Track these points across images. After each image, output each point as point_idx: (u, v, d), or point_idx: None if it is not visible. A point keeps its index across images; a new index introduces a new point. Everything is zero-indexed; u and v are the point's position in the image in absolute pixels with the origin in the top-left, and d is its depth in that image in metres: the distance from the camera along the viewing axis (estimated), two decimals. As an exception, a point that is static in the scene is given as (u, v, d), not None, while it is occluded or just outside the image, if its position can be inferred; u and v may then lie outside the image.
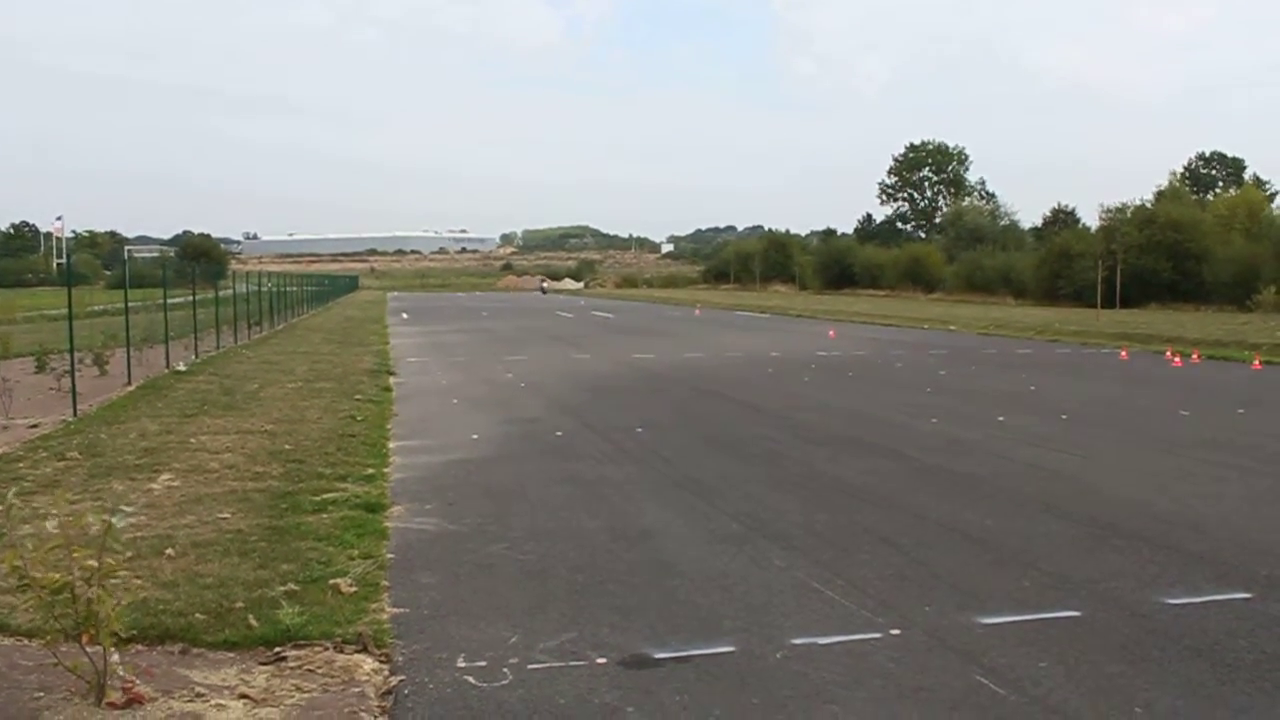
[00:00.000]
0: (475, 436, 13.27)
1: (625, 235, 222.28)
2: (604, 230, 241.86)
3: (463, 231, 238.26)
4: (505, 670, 5.50)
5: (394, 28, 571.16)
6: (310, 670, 5.42)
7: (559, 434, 13.55)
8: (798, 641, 5.92)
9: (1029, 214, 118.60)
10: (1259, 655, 5.75)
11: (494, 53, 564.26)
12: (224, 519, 8.45)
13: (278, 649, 5.68)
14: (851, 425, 14.35)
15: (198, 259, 71.87)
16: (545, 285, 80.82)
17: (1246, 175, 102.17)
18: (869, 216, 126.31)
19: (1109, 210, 70.13)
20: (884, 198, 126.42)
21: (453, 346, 30.41)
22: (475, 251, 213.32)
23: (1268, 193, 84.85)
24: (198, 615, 6.07)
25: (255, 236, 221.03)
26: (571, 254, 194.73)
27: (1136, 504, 9.49)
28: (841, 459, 11.76)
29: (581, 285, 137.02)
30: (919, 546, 7.98)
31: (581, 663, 5.62)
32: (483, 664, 5.58)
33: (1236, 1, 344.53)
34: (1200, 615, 6.43)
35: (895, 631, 6.09)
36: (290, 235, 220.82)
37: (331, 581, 6.80)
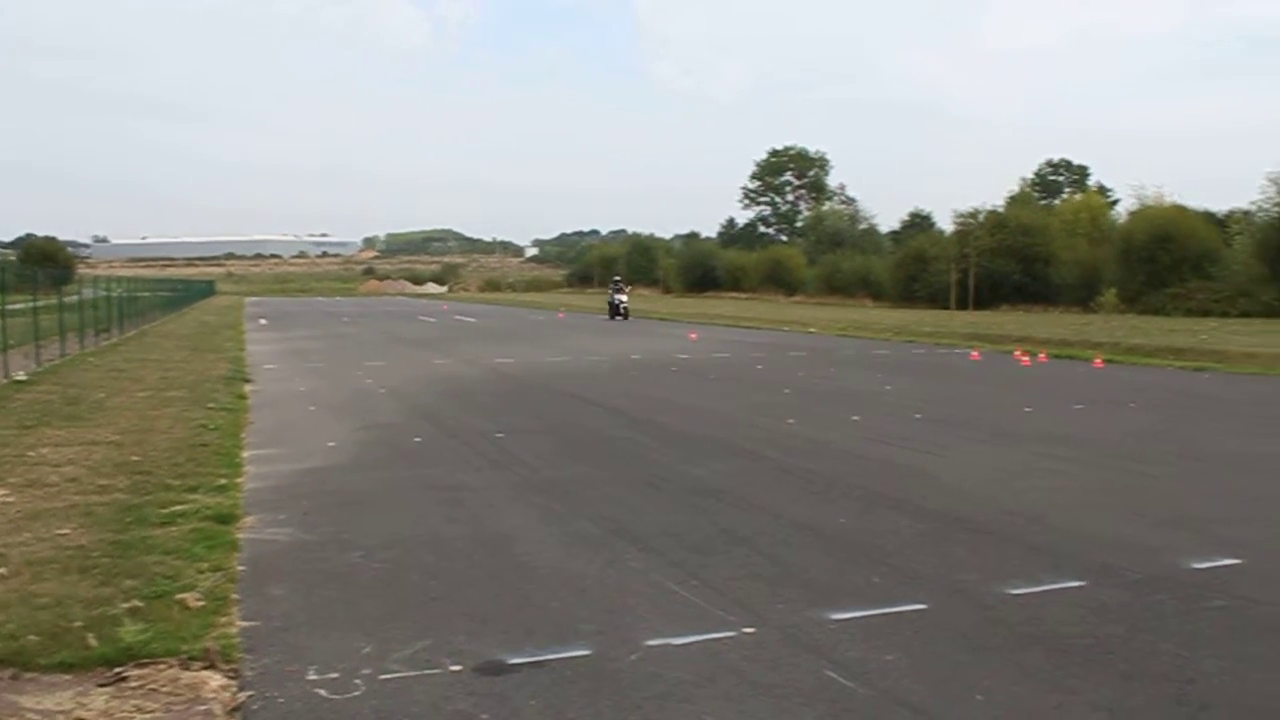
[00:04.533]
0: (332, 444, 13.05)
1: (489, 239, 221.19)
2: (467, 234, 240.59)
3: (324, 235, 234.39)
4: (357, 681, 5.42)
5: (253, 22, 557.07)
6: (153, 689, 5.26)
7: (418, 440, 13.40)
8: (653, 643, 5.97)
9: (887, 218, 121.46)
10: (1090, 640, 6.00)
11: (358, 52, 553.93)
12: (63, 535, 8.13)
13: (118, 669, 5.49)
14: (711, 427, 14.51)
15: (41, 263, 68.97)
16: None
17: (1090, 182, 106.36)
18: (732, 220, 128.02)
19: (962, 215, 72.27)
20: (746, 202, 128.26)
21: (312, 352, 29.84)
22: (337, 255, 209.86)
23: (1109, 199, 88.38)
24: (31, 637, 5.82)
25: (105, 240, 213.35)
26: (435, 258, 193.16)
27: (982, 499, 9.80)
28: (700, 460, 11.88)
29: (445, 289, 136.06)
30: (773, 545, 8.12)
31: (435, 671, 5.58)
32: (335, 676, 5.49)
33: (1082, 20, 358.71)
34: (1039, 604, 6.68)
35: (749, 630, 6.18)
36: (143, 239, 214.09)
37: (178, 596, 6.61)
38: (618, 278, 56.21)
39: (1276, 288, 48.54)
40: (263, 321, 50.45)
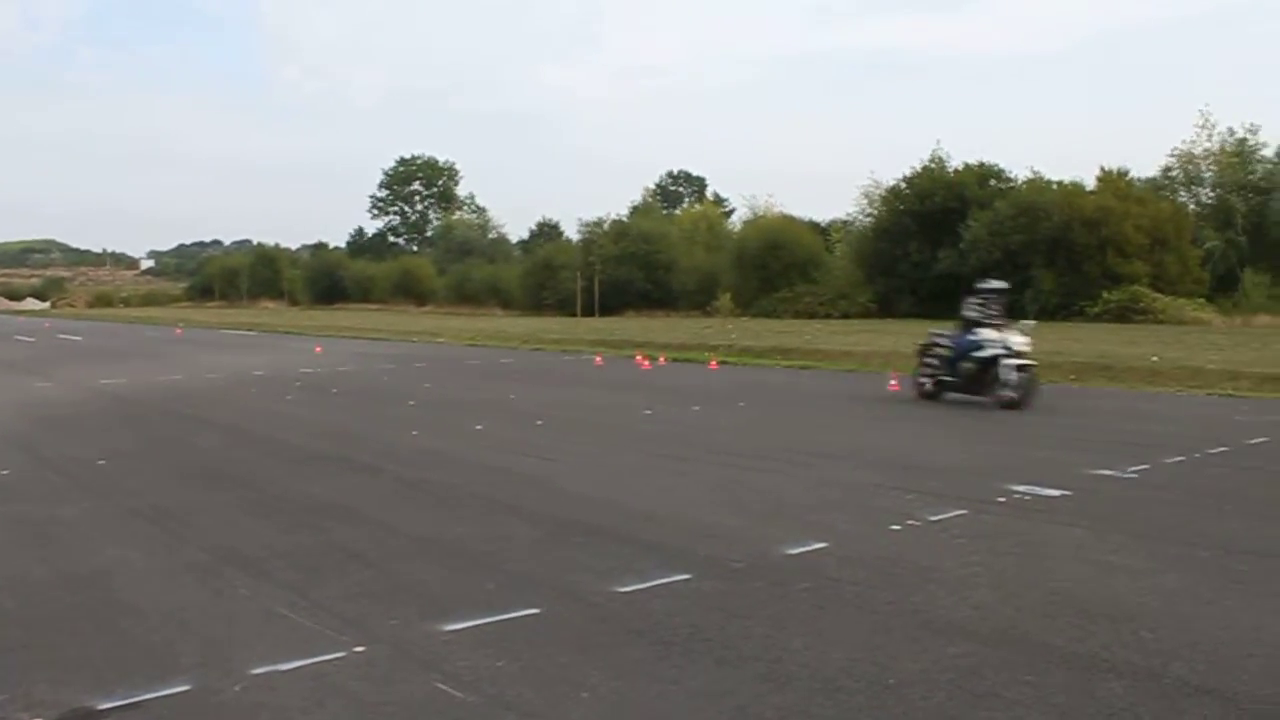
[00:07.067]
0: (-99, 482, 11.74)
1: (99, 250, 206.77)
2: (74, 245, 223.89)
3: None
4: (-86, 748, 4.91)
5: None
6: None
7: (5, 472, 12.28)
8: (258, 671, 5.75)
9: (517, 227, 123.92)
10: (692, 629, 6.32)
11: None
12: None
13: None
14: (333, 443, 14.19)
15: None
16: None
17: (708, 193, 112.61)
18: (360, 230, 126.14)
19: (588, 224, 74.67)
20: (375, 211, 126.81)
21: (-118, 380, 26.73)
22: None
23: (725, 209, 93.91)
24: None
25: None
26: (35, 271, 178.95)
27: (599, 501, 10.12)
28: (320, 478, 11.60)
29: (47, 305, 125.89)
30: (389, 560, 8.04)
31: (10, 726, 5.15)
32: (-113, 744, 4.95)
33: (699, 38, 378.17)
34: (646, 599, 6.96)
35: (359, 649, 6.08)
36: None
37: None
38: (991, 286, 18.02)
39: (871, 290, 53.49)
40: None
